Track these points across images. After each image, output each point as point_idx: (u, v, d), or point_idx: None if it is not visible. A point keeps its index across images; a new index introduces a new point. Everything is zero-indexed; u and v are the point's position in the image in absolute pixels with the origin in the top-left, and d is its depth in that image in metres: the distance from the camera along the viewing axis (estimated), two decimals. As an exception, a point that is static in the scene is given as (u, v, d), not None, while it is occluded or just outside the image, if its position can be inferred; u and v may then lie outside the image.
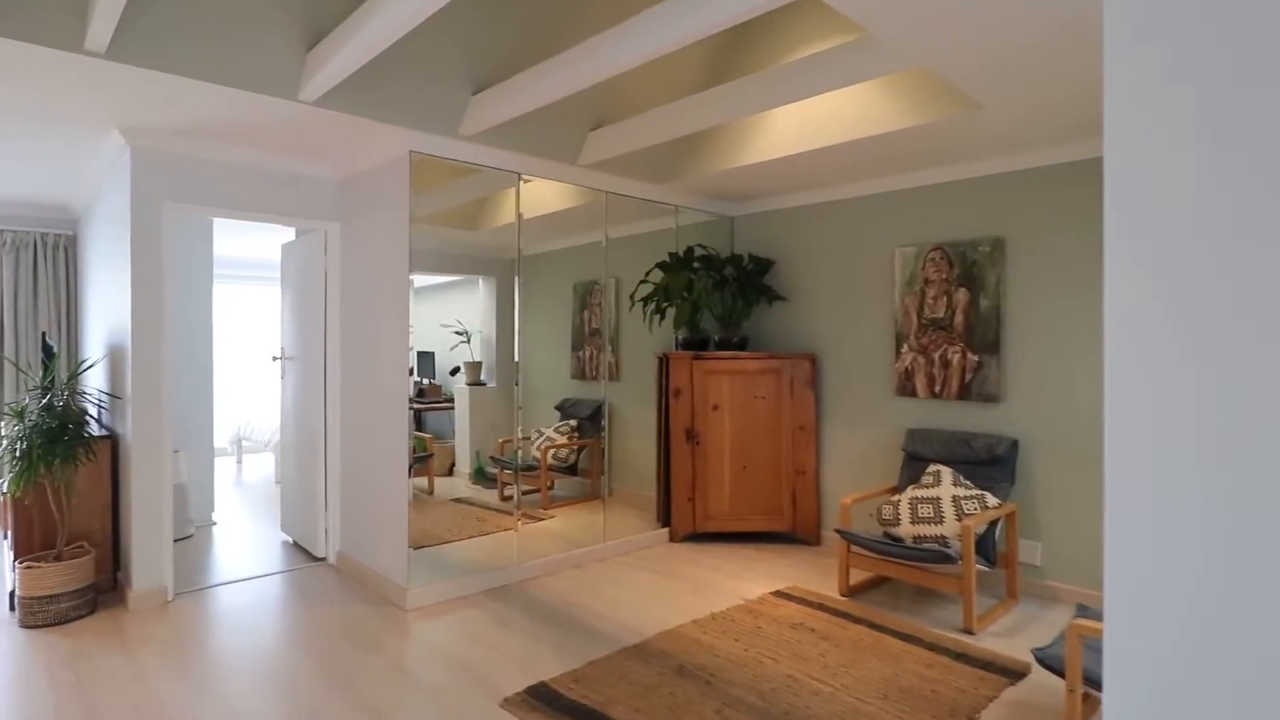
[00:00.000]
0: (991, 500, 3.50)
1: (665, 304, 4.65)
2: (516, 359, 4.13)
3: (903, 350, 4.24)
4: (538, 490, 4.37)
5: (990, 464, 3.70)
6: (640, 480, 4.72)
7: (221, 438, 7.76)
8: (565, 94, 3.10)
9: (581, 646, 3.06)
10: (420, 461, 3.92)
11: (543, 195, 4.17)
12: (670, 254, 4.71)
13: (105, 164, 3.97)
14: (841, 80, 2.91)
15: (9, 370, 5.24)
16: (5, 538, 4.65)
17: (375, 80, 3.26)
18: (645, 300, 4.63)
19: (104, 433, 3.82)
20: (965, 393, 3.95)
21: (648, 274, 4.73)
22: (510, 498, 4.11)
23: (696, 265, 4.70)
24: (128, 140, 3.48)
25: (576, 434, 4.55)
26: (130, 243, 3.52)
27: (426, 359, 4.05)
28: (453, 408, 4.29)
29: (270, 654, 2.99)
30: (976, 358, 3.91)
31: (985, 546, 3.37)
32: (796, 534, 4.60)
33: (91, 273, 4.86)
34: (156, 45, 2.74)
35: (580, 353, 4.62)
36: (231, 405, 8.08)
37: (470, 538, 3.99)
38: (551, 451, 4.48)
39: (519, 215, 4.01)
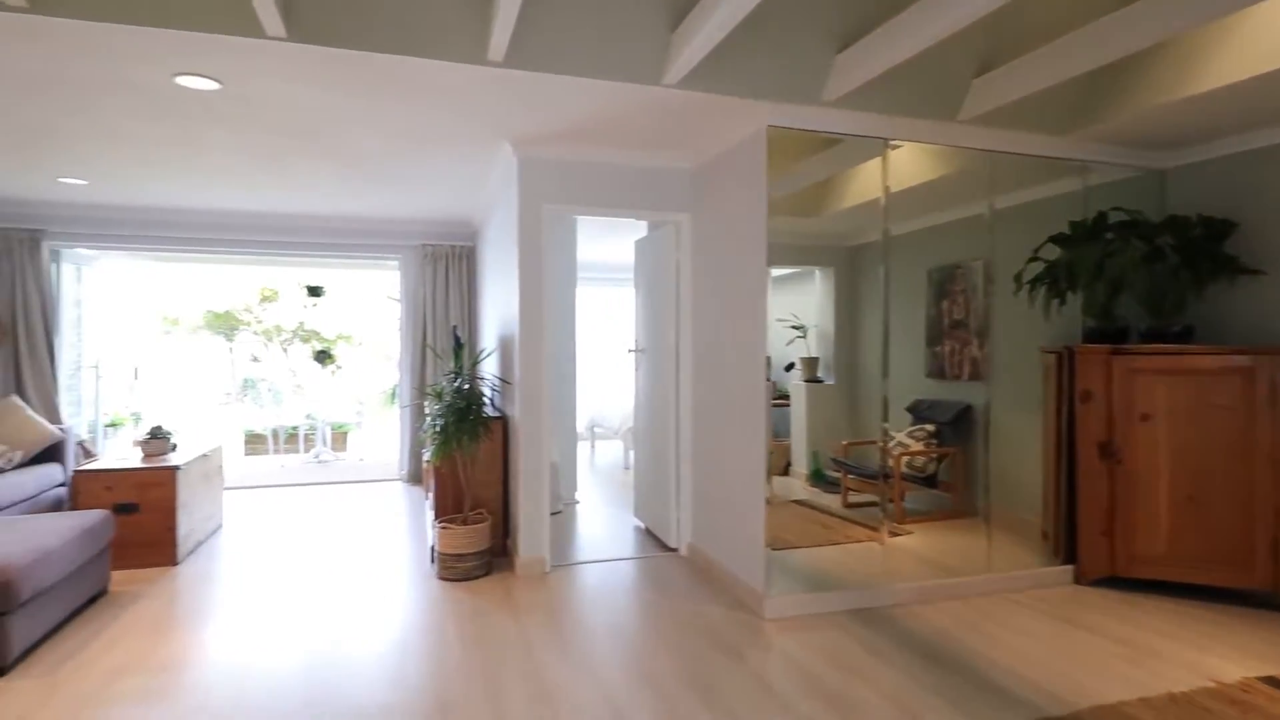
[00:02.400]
0: None
1: (1067, 286, 3.73)
2: (865, 355, 3.64)
3: None
4: (880, 501, 3.84)
5: None
6: (1021, 501, 3.87)
7: (578, 424, 8.60)
8: (950, 32, 2.54)
9: (984, 703, 2.47)
10: (772, 460, 3.67)
11: (902, 167, 3.61)
12: (1072, 223, 3.77)
13: (497, 177, 4.48)
14: None
15: (429, 357, 6.35)
16: (428, 498, 5.61)
17: (732, 54, 3.07)
18: (1035, 282, 3.77)
19: (497, 414, 4.30)
20: None
21: (1037, 251, 3.85)
22: (855, 505, 3.66)
23: (1110, 235, 3.68)
24: (516, 151, 3.83)
25: (934, 440, 3.89)
26: (518, 244, 3.87)
27: (775, 351, 3.79)
28: (788, 405, 3.97)
29: (636, 643, 2.98)
30: None
31: None
32: None
33: (486, 275, 5.61)
34: (542, 48, 2.87)
35: (937, 348, 3.94)
36: (586, 394, 8.92)
37: (818, 545, 3.63)
38: (905, 460, 3.89)
39: (886, 188, 3.52)
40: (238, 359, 14.76)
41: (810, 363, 3.99)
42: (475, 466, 4.08)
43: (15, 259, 5.40)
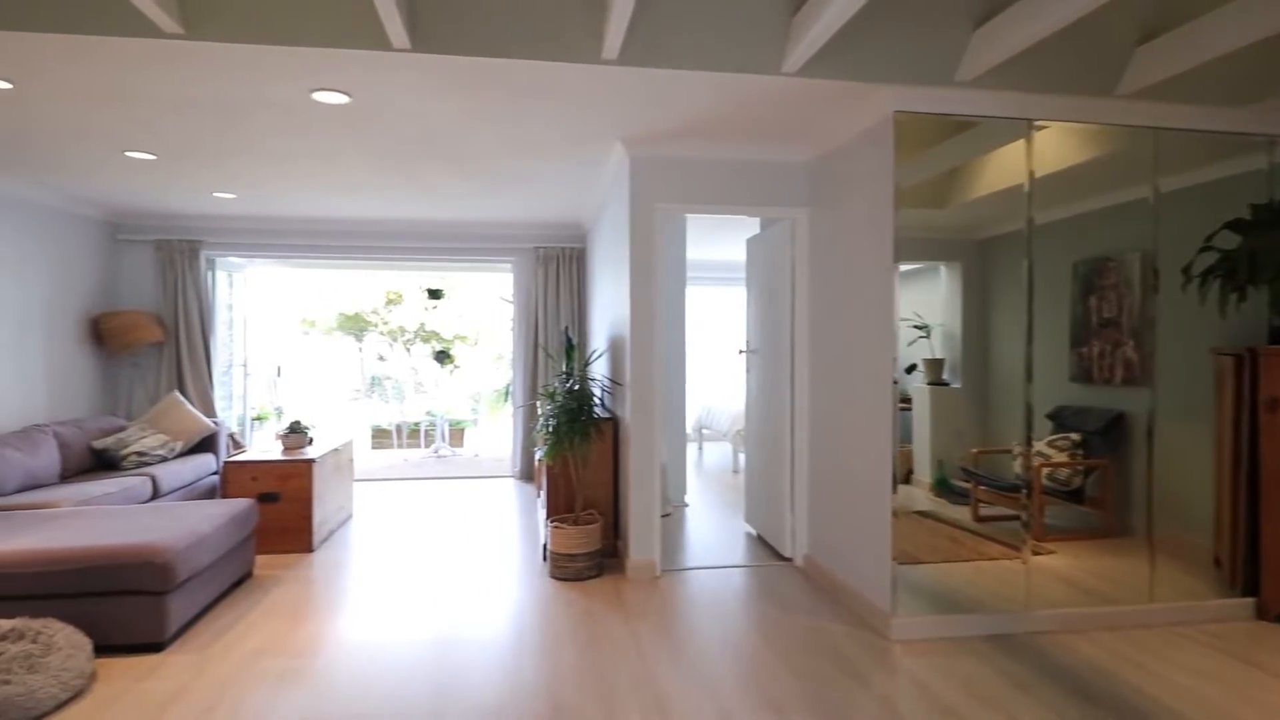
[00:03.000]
0: None
1: (1248, 279, 3.26)
2: (996, 356, 3.33)
3: None
4: (1019, 517, 3.49)
5: None
6: (1187, 521, 3.42)
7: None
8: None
9: (1150, 753, 2.18)
10: (897, 468, 3.44)
11: (1045, 150, 3.27)
12: (1254, 206, 3.30)
13: (608, 178, 4.48)
14: None
15: (541, 358, 6.47)
16: (539, 496, 5.71)
17: (856, 36, 2.89)
18: (1207, 274, 3.33)
19: (607, 415, 4.30)
20: None
21: (1210, 239, 3.39)
22: (987, 519, 3.35)
23: (1305, 218, 3.19)
24: (628, 150, 3.80)
25: (1080, 451, 3.51)
26: (629, 245, 3.84)
27: (904, 352, 3.54)
28: (909, 409, 3.70)
29: (753, 659, 2.86)
30: None
31: None
32: None
33: (596, 277, 5.64)
34: (655, 43, 2.81)
35: (1083, 349, 3.54)
36: (693, 395, 8.84)
37: (948, 562, 3.36)
38: (1046, 471, 3.53)
39: (1030, 173, 3.21)
40: (366, 358, 15.78)
41: (934, 364, 3.71)
42: (586, 467, 4.09)
43: (178, 268, 5.96)
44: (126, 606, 2.92)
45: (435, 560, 4.16)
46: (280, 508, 4.37)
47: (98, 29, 2.52)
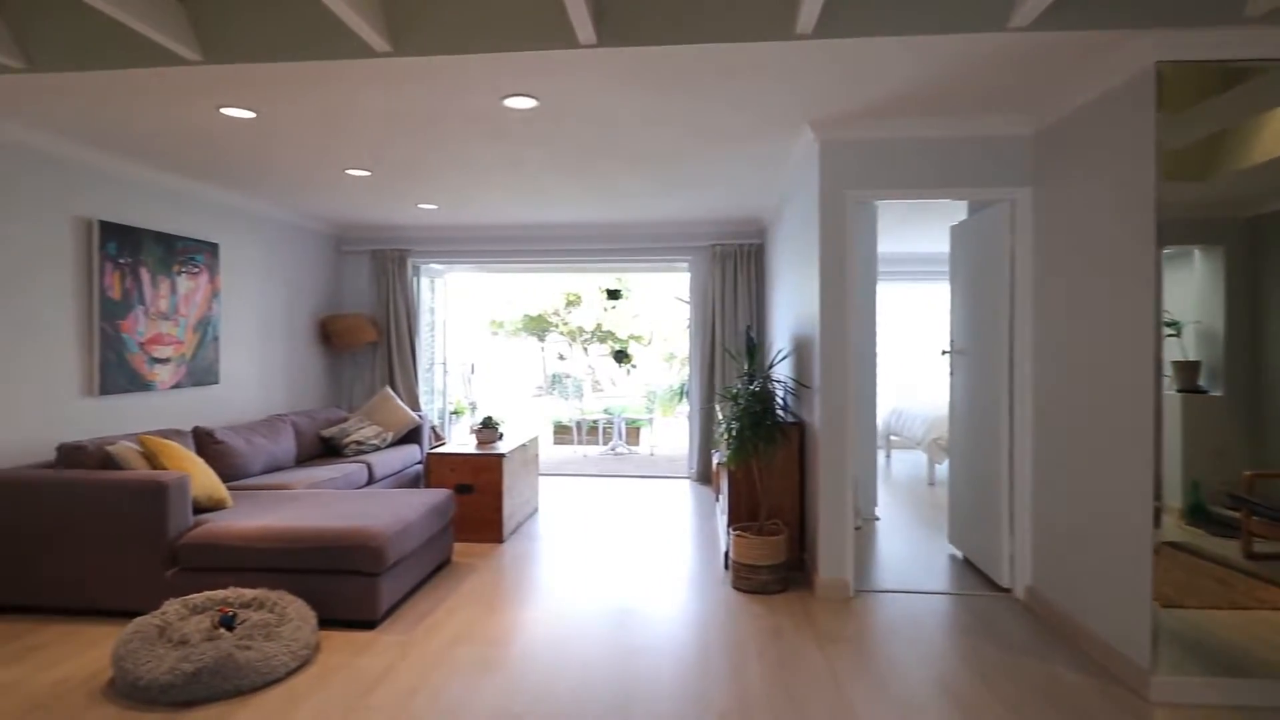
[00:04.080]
0: None
1: None
2: (1276, 359, 2.63)
3: None
4: None
5: None
6: None
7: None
8: None
9: None
10: (1153, 493, 2.86)
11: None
12: None
13: (793, 167, 4.21)
14: None
15: (719, 358, 6.32)
16: (717, 501, 5.56)
17: (1112, -26, 2.41)
18: None
19: (792, 419, 4.04)
20: None
21: None
22: (1263, 556, 2.68)
23: None
24: (817, 134, 3.52)
25: None
26: (818, 235, 3.56)
27: (1163, 352, 2.94)
28: None
29: (974, 704, 2.49)
30: None
31: None
32: None
33: (777, 274, 5.39)
34: (858, 10, 2.53)
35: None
36: (881, 398, 8.24)
37: (1215, 608, 2.73)
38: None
39: (1352, 123, 2.51)
40: (547, 357, 16.64)
41: (1187, 368, 3.05)
42: (770, 474, 3.87)
43: (389, 275, 6.55)
44: (345, 585, 3.17)
45: (616, 558, 4.16)
46: (474, 499, 4.60)
47: (320, 54, 2.74)
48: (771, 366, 3.92)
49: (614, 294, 11.31)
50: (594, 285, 14.27)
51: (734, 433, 3.62)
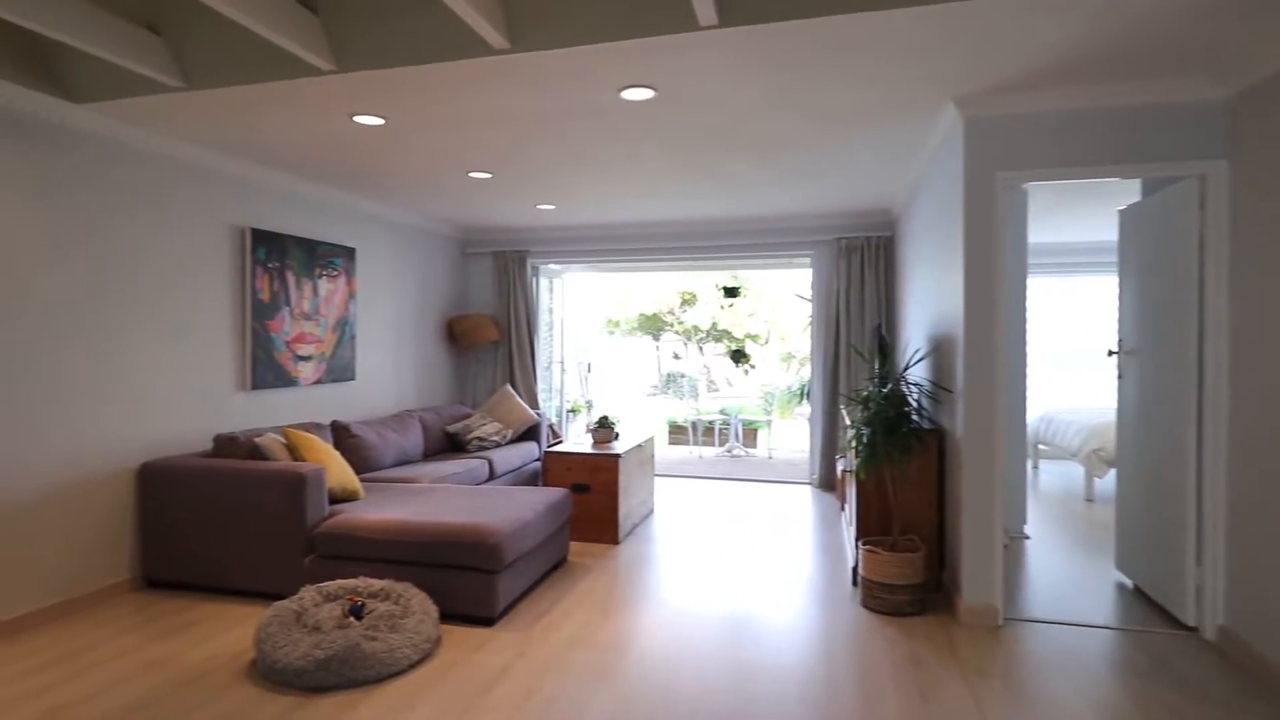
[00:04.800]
0: None
1: None
2: None
3: None
4: None
5: None
6: None
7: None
8: None
9: None
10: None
11: None
12: None
13: (930, 149, 3.86)
14: None
15: (843, 358, 5.98)
16: (842, 510, 5.25)
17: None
18: None
19: (929, 425, 3.70)
20: None
21: None
22: None
23: None
24: (961, 110, 3.19)
25: None
26: (963, 223, 3.22)
27: None
28: None
29: (1152, 763, 2.13)
30: None
31: None
32: None
33: (910, 268, 4.99)
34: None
35: None
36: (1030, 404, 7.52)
37: None
38: None
39: None
40: (662, 356, 16.63)
41: None
42: (905, 485, 3.56)
43: (510, 275, 6.70)
44: (464, 580, 3.21)
45: (735, 565, 3.98)
46: (590, 499, 4.57)
47: (442, 55, 2.76)
48: (907, 368, 3.60)
49: (731, 291, 11.08)
50: (709, 283, 14.09)
51: (865, 439, 3.35)
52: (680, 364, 15.95)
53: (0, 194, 3.06)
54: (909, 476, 3.55)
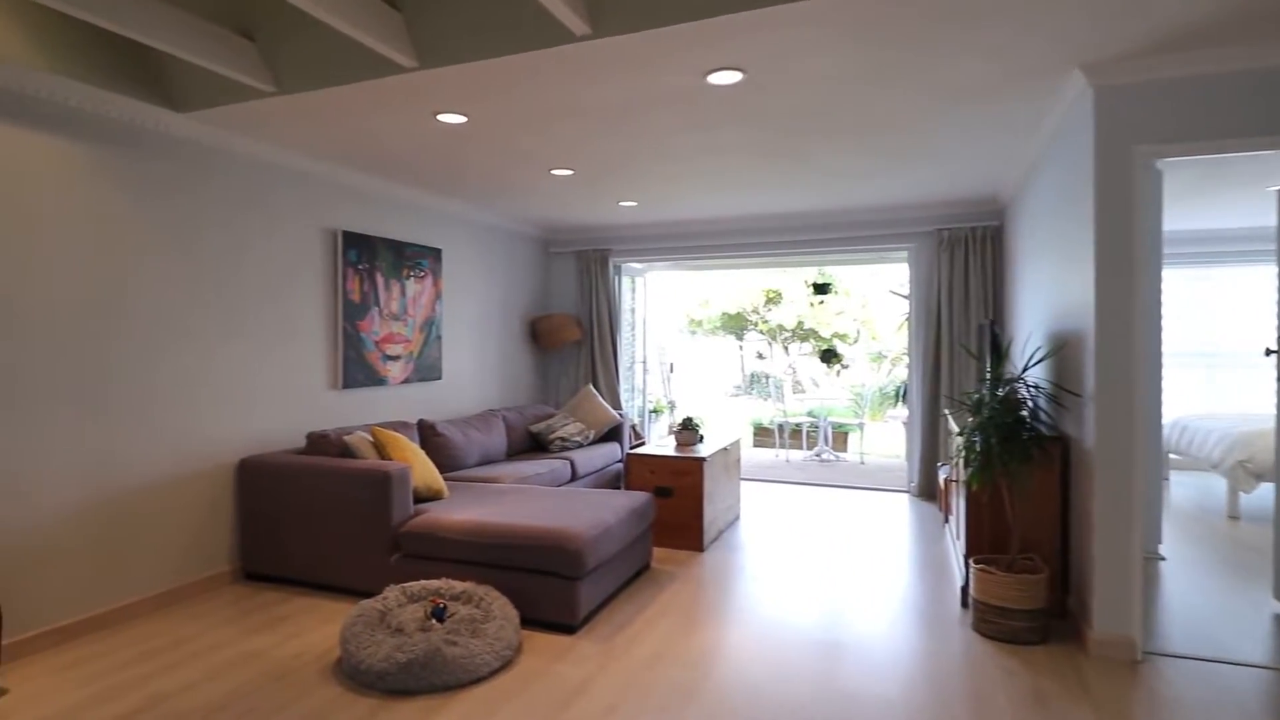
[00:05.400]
0: None
1: None
2: None
3: None
4: None
5: None
6: None
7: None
8: None
9: None
10: None
11: None
12: None
13: (1051, 126, 3.48)
14: None
15: (946, 357, 5.57)
16: (946, 523, 4.88)
17: None
18: None
19: (1050, 433, 3.34)
20: None
21: None
22: None
23: None
24: (1089, 79, 2.83)
25: None
26: (1093, 205, 2.87)
27: None
28: None
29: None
30: None
31: None
32: None
33: (1023, 259, 4.57)
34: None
35: None
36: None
37: None
38: None
39: None
40: (746, 356, 16.28)
41: None
42: (1024, 498, 3.22)
43: (592, 275, 6.64)
44: (545, 585, 3.12)
45: (828, 578, 3.73)
46: (674, 503, 4.42)
47: (522, 45, 2.67)
48: (1026, 368, 3.25)
49: (821, 288, 10.67)
50: (795, 281, 13.66)
51: (977, 446, 3.04)
52: (764, 364, 15.57)
53: (114, 202, 3.21)
54: (1029, 489, 3.21)
